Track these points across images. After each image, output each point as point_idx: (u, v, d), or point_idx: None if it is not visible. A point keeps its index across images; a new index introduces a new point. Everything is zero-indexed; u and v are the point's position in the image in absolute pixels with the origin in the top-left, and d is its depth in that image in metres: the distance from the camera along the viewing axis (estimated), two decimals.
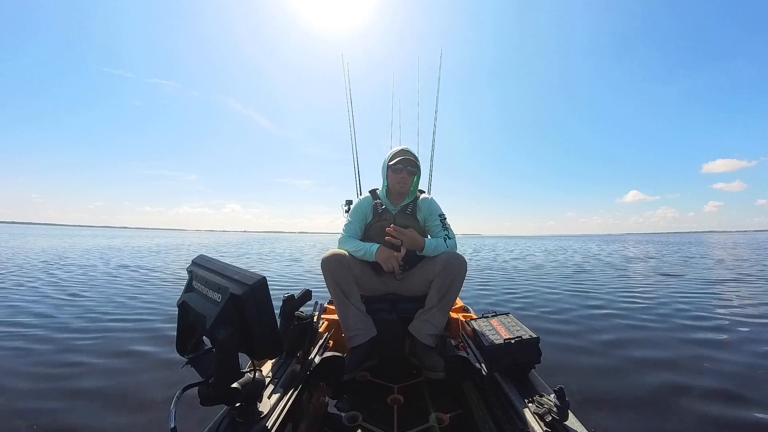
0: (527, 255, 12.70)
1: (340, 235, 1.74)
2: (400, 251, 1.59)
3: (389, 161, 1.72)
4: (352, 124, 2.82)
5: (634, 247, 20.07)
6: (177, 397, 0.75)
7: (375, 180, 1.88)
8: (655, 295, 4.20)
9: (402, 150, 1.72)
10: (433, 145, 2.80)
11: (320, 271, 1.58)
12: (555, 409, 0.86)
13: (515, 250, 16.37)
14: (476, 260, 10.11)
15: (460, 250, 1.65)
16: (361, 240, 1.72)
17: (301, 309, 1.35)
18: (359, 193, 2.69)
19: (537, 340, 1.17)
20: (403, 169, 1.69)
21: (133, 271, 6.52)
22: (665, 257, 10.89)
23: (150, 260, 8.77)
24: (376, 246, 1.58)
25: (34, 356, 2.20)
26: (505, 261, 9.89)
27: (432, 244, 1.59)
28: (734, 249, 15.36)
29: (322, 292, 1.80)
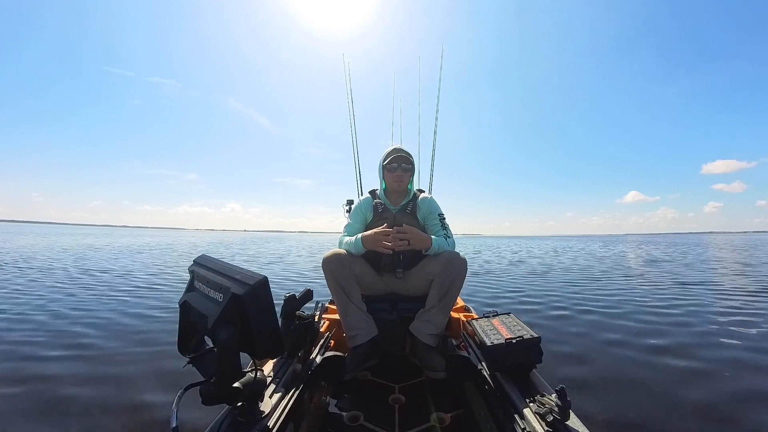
0: (534, 257, 11.47)
1: (340, 235, 1.75)
2: (395, 253, 1.57)
3: (383, 161, 1.75)
4: (353, 124, 2.82)
5: (641, 248, 18.50)
6: (179, 396, 0.75)
7: (376, 180, 1.89)
8: (697, 319, 3.07)
9: (395, 149, 1.75)
10: (434, 145, 2.80)
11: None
12: (556, 408, 0.86)
13: (520, 252, 14.59)
14: (478, 263, 9.06)
15: (459, 251, 1.65)
16: None
17: (303, 309, 1.35)
18: (360, 192, 2.69)
19: (538, 339, 1.17)
20: (398, 167, 1.71)
21: (89, 276, 5.56)
22: (680, 260, 9.86)
23: (124, 263, 7.75)
24: (360, 235, 1.59)
25: None
26: (512, 264, 8.80)
27: (438, 242, 1.59)
28: (750, 251, 14.08)
29: (323, 292, 1.80)
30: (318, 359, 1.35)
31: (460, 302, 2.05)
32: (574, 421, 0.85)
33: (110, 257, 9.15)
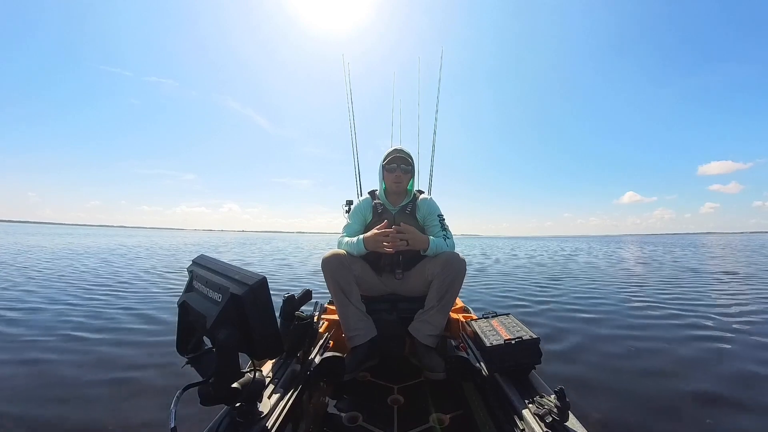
0: (546, 262, 9.79)
1: (339, 236, 1.75)
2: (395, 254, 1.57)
3: (383, 162, 1.75)
4: (352, 124, 2.82)
5: (650, 249, 17.28)
6: (177, 397, 0.74)
7: (375, 180, 1.89)
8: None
9: (394, 150, 1.76)
10: (433, 146, 2.80)
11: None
12: (555, 409, 0.86)
13: (530, 255, 12.87)
14: (484, 269, 7.76)
15: (459, 251, 1.65)
16: None
17: (302, 309, 1.35)
18: (360, 193, 2.69)
19: (537, 340, 1.17)
20: (397, 168, 1.71)
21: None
22: (702, 264, 8.46)
23: (67, 269, 6.33)
24: (362, 236, 1.59)
25: None
26: (523, 269, 7.55)
27: (435, 243, 1.60)
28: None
29: (322, 293, 1.79)
30: (317, 360, 1.35)
31: (459, 303, 2.05)
32: (573, 422, 0.85)
33: (29, 264, 7.05)
